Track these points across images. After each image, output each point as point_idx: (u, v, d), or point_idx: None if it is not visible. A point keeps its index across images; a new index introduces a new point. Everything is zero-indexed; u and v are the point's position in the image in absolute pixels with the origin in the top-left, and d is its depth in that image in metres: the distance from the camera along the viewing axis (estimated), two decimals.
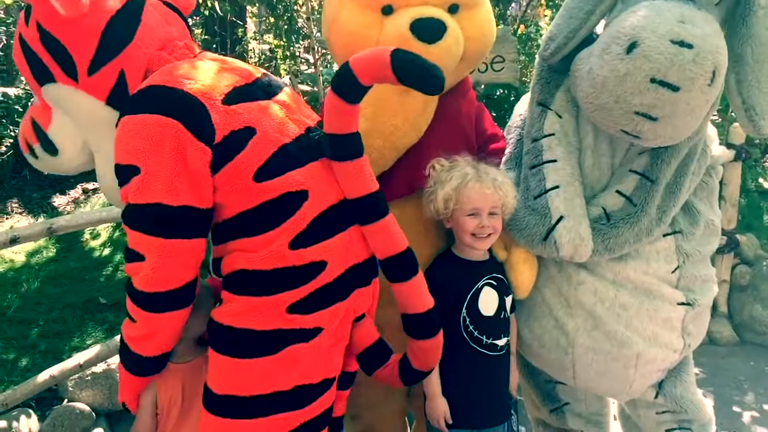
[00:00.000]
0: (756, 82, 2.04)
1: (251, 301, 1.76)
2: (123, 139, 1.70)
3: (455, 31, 2.10)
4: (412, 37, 2.04)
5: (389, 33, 2.09)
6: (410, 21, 2.05)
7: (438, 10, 2.10)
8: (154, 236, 1.70)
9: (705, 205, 2.35)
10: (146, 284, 1.73)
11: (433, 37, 2.05)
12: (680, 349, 2.29)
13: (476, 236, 2.16)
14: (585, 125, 2.24)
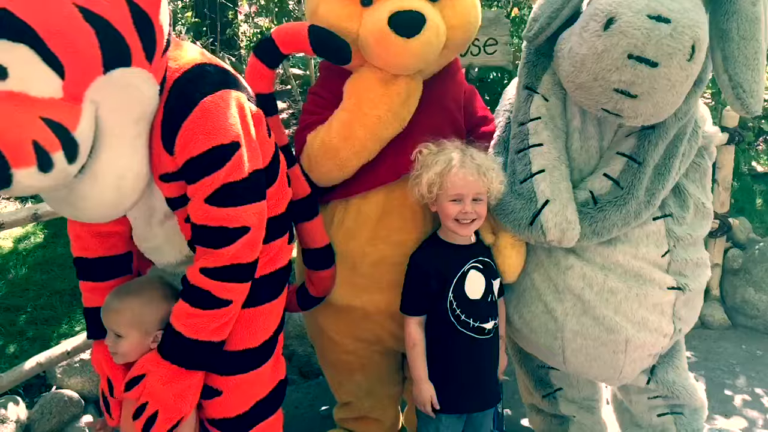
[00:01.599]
0: (743, 59, 2.01)
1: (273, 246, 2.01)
2: (220, 119, 1.71)
3: (435, 23, 2.07)
4: (391, 32, 2.02)
5: (368, 27, 2.07)
6: (389, 14, 2.03)
7: (418, 1, 2.07)
8: (256, 202, 1.82)
9: (697, 187, 2.33)
10: (252, 252, 1.84)
11: (412, 31, 2.02)
12: (671, 334, 2.27)
13: (459, 222, 2.15)
14: (572, 108, 2.22)
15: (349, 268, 2.32)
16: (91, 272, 1.99)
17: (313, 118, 2.28)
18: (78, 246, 1.98)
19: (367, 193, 2.28)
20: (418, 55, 2.06)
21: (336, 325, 2.42)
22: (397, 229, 2.30)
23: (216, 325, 1.84)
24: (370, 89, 2.15)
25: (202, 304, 1.83)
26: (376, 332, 2.40)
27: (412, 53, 2.05)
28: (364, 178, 2.25)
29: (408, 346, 2.24)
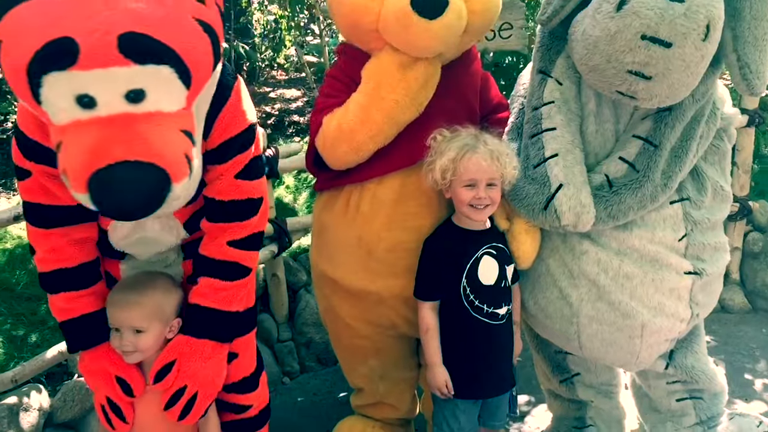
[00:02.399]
0: (753, 39, 1.98)
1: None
2: (248, 100, 1.89)
3: (457, 6, 2.06)
4: (413, 12, 2.00)
5: (390, 7, 2.06)
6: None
7: None
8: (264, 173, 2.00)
9: (715, 170, 2.30)
10: (266, 219, 2.05)
11: (435, 12, 2.01)
12: (687, 319, 2.26)
13: (473, 207, 2.15)
14: (587, 91, 2.19)
15: (364, 252, 2.32)
16: (73, 281, 1.88)
17: (330, 101, 2.28)
18: (54, 259, 1.85)
19: (383, 177, 2.29)
20: (439, 37, 2.05)
21: (350, 309, 2.43)
22: (412, 214, 2.30)
23: (243, 293, 2.01)
24: (389, 74, 2.14)
25: (231, 276, 1.96)
26: (391, 317, 2.40)
27: (433, 35, 2.04)
28: (380, 162, 2.25)
29: (422, 331, 2.25)
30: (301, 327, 3.75)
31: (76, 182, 1.42)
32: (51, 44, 1.33)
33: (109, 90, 1.39)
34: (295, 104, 7.00)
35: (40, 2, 1.35)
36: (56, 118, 1.42)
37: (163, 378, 1.91)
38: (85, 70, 1.35)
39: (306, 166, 2.45)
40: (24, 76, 1.37)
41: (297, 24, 6.83)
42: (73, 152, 1.41)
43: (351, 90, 2.23)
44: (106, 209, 1.48)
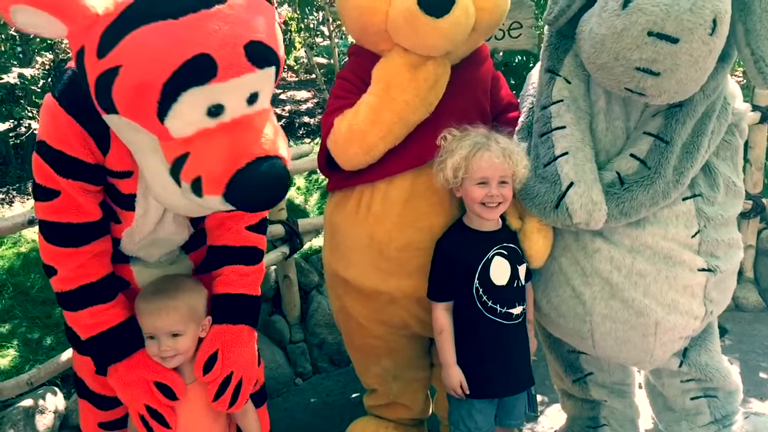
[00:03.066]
0: (765, 32, 1.98)
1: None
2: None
3: (464, 3, 2.06)
4: (420, 12, 2.01)
5: (398, 6, 2.06)
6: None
7: None
8: None
9: (728, 165, 2.29)
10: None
11: (442, 10, 2.01)
12: (702, 317, 2.25)
13: (485, 205, 2.15)
14: (596, 89, 2.19)
15: (376, 252, 2.32)
16: (99, 295, 1.86)
17: (341, 103, 2.29)
18: (79, 276, 1.83)
19: (394, 177, 2.29)
20: (447, 35, 2.06)
21: (363, 309, 2.44)
22: (424, 213, 2.30)
23: (261, 276, 2.08)
24: (399, 74, 2.15)
25: (253, 260, 2.04)
26: (403, 317, 2.40)
27: (441, 33, 2.04)
28: (391, 162, 2.26)
29: (436, 332, 2.25)
30: (314, 328, 3.76)
31: (214, 184, 1.51)
32: (190, 62, 1.41)
33: (237, 96, 1.51)
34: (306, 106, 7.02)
35: (159, 26, 1.41)
36: (180, 132, 1.50)
37: (211, 369, 1.93)
38: (223, 81, 1.46)
39: (318, 167, 2.46)
40: (156, 95, 1.43)
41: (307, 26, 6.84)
42: (209, 157, 1.50)
43: (361, 91, 2.24)
44: (244, 204, 1.58)
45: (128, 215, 1.86)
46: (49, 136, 1.69)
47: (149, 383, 1.89)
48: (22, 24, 1.41)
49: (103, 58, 1.43)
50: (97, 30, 1.43)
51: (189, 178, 1.53)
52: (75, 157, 1.69)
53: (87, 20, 1.42)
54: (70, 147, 1.68)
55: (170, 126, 1.48)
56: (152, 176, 1.66)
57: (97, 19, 1.43)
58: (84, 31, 1.44)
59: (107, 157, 1.73)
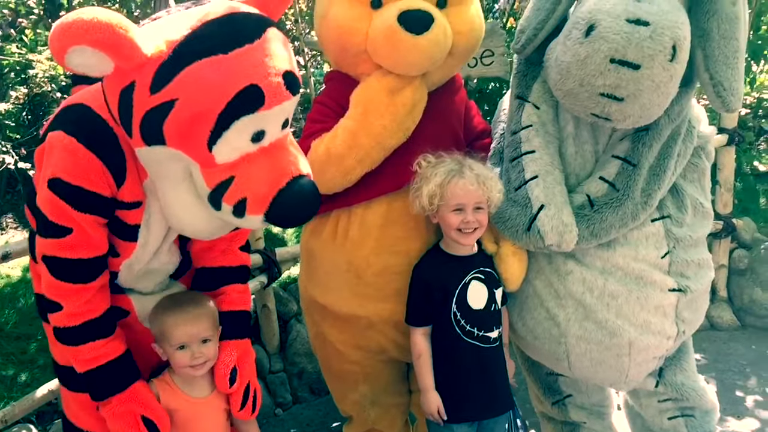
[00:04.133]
0: (723, 58, 2.05)
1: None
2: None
3: (443, 23, 2.12)
4: (400, 29, 2.06)
5: (378, 25, 2.11)
6: (398, 12, 2.07)
7: (426, 3, 2.12)
8: None
9: (695, 187, 2.34)
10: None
11: (421, 27, 2.06)
12: (674, 336, 2.28)
13: (461, 231, 2.18)
14: (564, 114, 2.24)
15: (353, 277, 2.34)
16: (101, 329, 1.89)
17: (318, 126, 2.31)
18: (85, 311, 1.86)
19: (370, 202, 2.31)
20: (426, 52, 2.10)
21: (340, 335, 2.44)
22: (401, 238, 2.32)
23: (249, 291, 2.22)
24: (377, 99, 2.18)
25: (246, 278, 2.18)
26: (380, 342, 2.41)
27: (420, 50, 2.08)
28: (367, 186, 2.28)
29: (414, 357, 2.26)
30: (293, 357, 3.74)
31: (259, 204, 1.62)
32: (242, 92, 1.52)
33: (276, 122, 1.64)
34: None
35: (212, 60, 1.51)
36: (225, 158, 1.60)
37: (235, 381, 2.03)
38: (269, 109, 1.57)
39: None
40: (210, 125, 1.54)
41: None
42: (253, 180, 1.62)
43: (339, 115, 2.26)
44: (284, 220, 1.73)
45: (129, 247, 1.90)
46: (68, 172, 1.71)
47: (137, 417, 1.91)
48: (75, 65, 1.48)
49: (157, 92, 1.52)
50: (151, 67, 1.52)
51: (233, 201, 1.63)
52: (93, 192, 1.73)
53: (141, 59, 1.51)
54: (90, 182, 1.72)
55: (216, 153, 1.59)
56: (177, 203, 1.74)
57: (149, 58, 1.52)
58: (136, 69, 1.53)
59: (121, 189, 1.77)
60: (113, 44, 1.45)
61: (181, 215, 1.76)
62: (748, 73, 5.60)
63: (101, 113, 1.72)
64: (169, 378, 2.01)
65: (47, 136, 1.76)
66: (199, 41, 1.54)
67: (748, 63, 5.48)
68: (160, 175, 1.73)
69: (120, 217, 1.83)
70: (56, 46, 1.43)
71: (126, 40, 1.47)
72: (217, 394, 2.05)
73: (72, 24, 1.41)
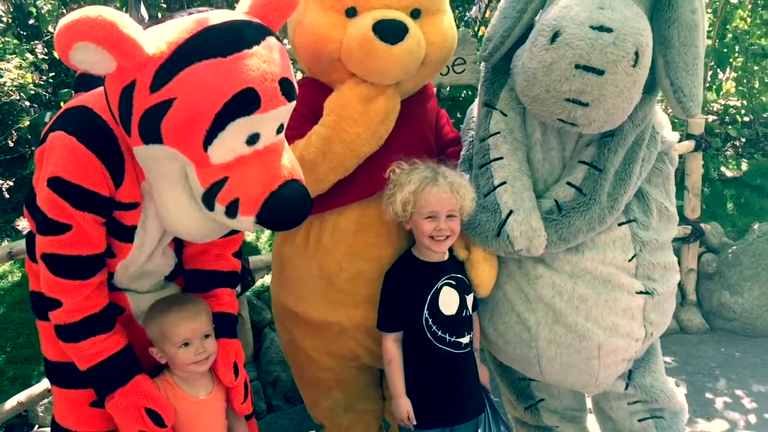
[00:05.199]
0: (683, 64, 2.09)
1: None
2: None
3: (417, 34, 2.13)
4: (375, 38, 2.07)
5: (353, 34, 2.12)
6: (373, 22, 2.08)
7: (400, 14, 2.13)
8: None
9: (660, 192, 2.39)
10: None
11: (396, 37, 2.08)
12: (642, 338, 2.31)
13: (434, 238, 2.19)
14: (532, 121, 2.27)
15: (325, 283, 2.34)
16: (102, 324, 1.93)
17: (291, 133, 2.28)
18: (85, 307, 1.89)
19: (343, 208, 2.31)
20: (400, 61, 2.11)
21: (312, 342, 2.44)
22: (373, 244, 2.33)
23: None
24: (351, 107, 2.18)
25: (236, 282, 2.24)
26: (352, 348, 2.41)
27: (394, 59, 2.10)
28: (340, 194, 2.28)
29: (385, 363, 2.27)
30: (267, 366, 3.73)
31: (251, 205, 1.67)
32: (239, 95, 1.58)
33: (271, 126, 1.69)
34: None
35: (211, 63, 1.57)
36: (219, 159, 1.65)
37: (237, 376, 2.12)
38: (264, 112, 1.63)
39: None
40: (206, 125, 1.58)
41: None
42: (246, 181, 1.67)
43: (312, 123, 2.26)
44: (275, 222, 1.76)
45: (125, 248, 1.94)
46: (68, 171, 1.75)
47: (141, 409, 1.94)
48: (78, 62, 1.52)
49: (158, 91, 1.58)
50: (152, 67, 1.58)
51: (226, 201, 1.68)
52: (93, 191, 1.77)
53: (143, 59, 1.56)
54: (90, 181, 1.76)
55: (212, 153, 1.63)
56: (173, 204, 1.78)
57: (151, 58, 1.57)
58: (137, 68, 1.58)
59: (119, 190, 1.82)
60: (116, 42, 1.49)
61: (176, 216, 1.80)
62: (714, 81, 5.70)
63: (102, 114, 1.77)
64: (170, 378, 2.04)
65: (48, 137, 1.81)
66: (199, 44, 1.59)
67: (715, 71, 5.59)
68: (157, 175, 1.77)
69: (117, 218, 1.88)
70: (61, 42, 1.46)
71: (129, 39, 1.51)
72: (216, 393, 2.10)
73: (77, 21, 1.44)
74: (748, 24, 5.88)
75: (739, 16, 5.85)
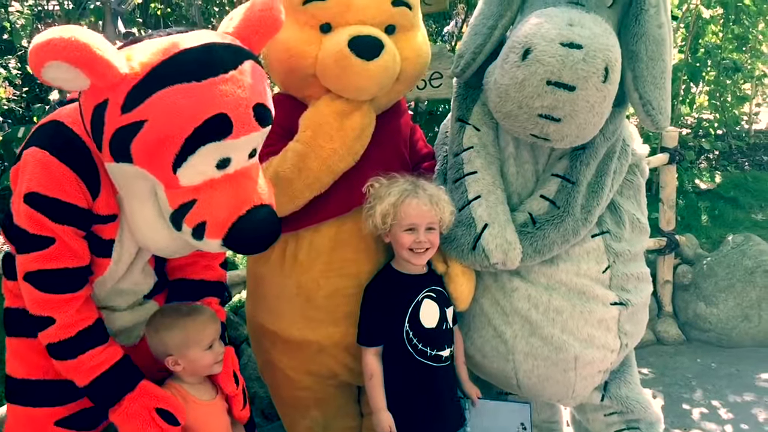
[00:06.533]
0: (651, 78, 2.13)
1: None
2: None
3: (392, 50, 2.14)
4: (351, 54, 2.07)
5: (328, 49, 2.11)
6: (348, 38, 2.08)
7: (375, 30, 2.14)
8: None
9: (632, 203, 2.42)
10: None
11: (371, 53, 2.08)
12: (617, 350, 2.33)
13: (413, 251, 2.19)
14: (505, 135, 2.30)
15: (303, 301, 2.32)
16: (97, 336, 1.90)
17: (266, 150, 2.27)
18: (76, 320, 1.87)
19: (319, 225, 2.30)
20: (376, 77, 2.11)
21: (290, 361, 2.41)
22: (350, 260, 2.32)
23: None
24: (326, 123, 2.17)
25: (222, 293, 2.26)
26: (331, 366, 2.40)
27: (370, 75, 2.09)
28: (315, 210, 2.27)
29: (366, 378, 2.26)
30: (245, 382, 3.68)
31: (217, 229, 1.66)
32: (211, 120, 1.58)
33: (243, 151, 1.68)
34: None
35: (184, 87, 1.56)
36: (189, 181, 1.65)
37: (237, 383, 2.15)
38: (236, 138, 1.62)
39: None
40: (176, 149, 1.58)
41: None
42: (214, 205, 1.66)
43: (287, 139, 2.25)
44: (242, 246, 1.76)
45: (103, 263, 1.92)
46: (43, 185, 1.74)
47: (151, 411, 1.92)
48: (51, 78, 1.52)
49: (129, 112, 1.57)
50: (124, 87, 1.57)
51: (193, 223, 1.67)
52: (70, 203, 1.76)
53: (115, 79, 1.56)
54: (66, 193, 1.75)
55: (181, 176, 1.63)
56: (142, 220, 1.79)
57: (124, 78, 1.57)
58: (110, 88, 1.58)
59: (96, 201, 1.80)
60: (88, 63, 1.50)
61: (146, 232, 1.81)
62: (688, 95, 5.78)
63: (74, 128, 1.76)
64: (176, 385, 2.03)
65: (22, 155, 1.80)
66: (173, 67, 1.59)
67: (688, 84, 5.67)
68: (128, 191, 1.78)
69: (96, 232, 1.86)
70: (34, 59, 1.47)
71: (101, 59, 1.51)
72: (220, 398, 2.12)
73: (50, 41, 1.45)
74: (720, 39, 5.96)
75: (710, 31, 5.93)
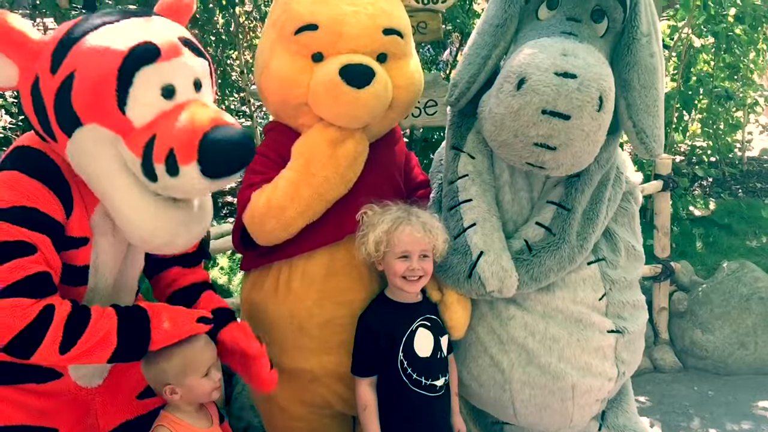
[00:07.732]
0: (644, 106, 2.15)
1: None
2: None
3: (384, 78, 2.15)
4: (342, 82, 2.07)
5: (320, 78, 2.12)
6: (340, 66, 2.09)
7: (367, 58, 2.14)
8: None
9: (627, 231, 2.43)
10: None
11: (363, 81, 2.08)
12: (615, 378, 2.31)
13: (407, 279, 2.18)
14: (500, 163, 2.30)
15: (296, 329, 2.30)
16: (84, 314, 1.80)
17: (259, 178, 2.29)
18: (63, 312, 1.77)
19: (312, 253, 2.29)
20: (368, 105, 2.12)
21: (283, 391, 2.37)
22: (344, 289, 2.31)
23: None
24: (319, 151, 2.17)
25: (213, 288, 2.27)
26: (325, 396, 2.37)
27: (361, 104, 2.10)
28: (308, 238, 2.26)
29: (360, 408, 2.23)
30: (239, 412, 3.65)
31: (187, 150, 1.63)
32: (137, 47, 1.63)
33: (184, 78, 1.71)
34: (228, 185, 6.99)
35: (104, 30, 1.65)
36: (141, 119, 1.66)
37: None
38: (168, 60, 1.67)
39: (233, 243, 2.43)
40: (113, 84, 1.61)
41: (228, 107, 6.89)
42: (175, 130, 1.64)
43: (280, 167, 2.25)
44: (220, 162, 1.68)
45: (79, 291, 1.87)
46: (16, 201, 1.68)
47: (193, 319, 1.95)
48: None
49: (57, 70, 1.62)
50: (47, 51, 1.64)
51: (162, 157, 1.64)
52: (46, 213, 1.72)
53: (36, 48, 1.62)
54: (41, 203, 1.71)
55: (131, 115, 1.65)
56: (121, 200, 1.73)
57: (44, 44, 1.63)
58: (34, 60, 1.64)
59: (69, 220, 1.77)
60: (4, 36, 1.59)
61: (129, 214, 1.75)
62: (681, 122, 5.82)
63: (40, 147, 1.78)
64: (172, 416, 1.98)
65: None
66: (89, 22, 1.67)
67: (681, 112, 5.71)
68: (98, 174, 1.73)
69: (67, 260, 1.80)
70: None
71: (15, 30, 1.60)
72: (216, 426, 2.10)
73: None
74: (712, 67, 6.02)
75: (702, 60, 5.99)
